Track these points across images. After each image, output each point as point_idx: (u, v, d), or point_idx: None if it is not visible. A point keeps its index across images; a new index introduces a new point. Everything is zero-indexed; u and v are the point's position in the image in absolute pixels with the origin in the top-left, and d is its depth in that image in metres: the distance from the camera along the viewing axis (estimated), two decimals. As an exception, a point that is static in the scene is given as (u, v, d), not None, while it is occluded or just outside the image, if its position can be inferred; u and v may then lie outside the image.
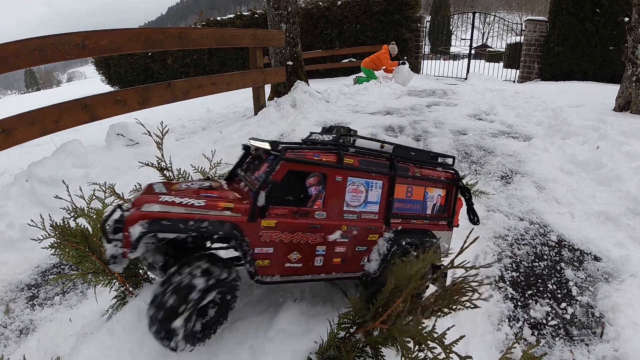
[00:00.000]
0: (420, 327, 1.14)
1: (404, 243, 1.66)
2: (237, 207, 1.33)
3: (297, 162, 1.40)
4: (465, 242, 1.18)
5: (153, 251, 1.46)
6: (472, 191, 2.83)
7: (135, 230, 1.17)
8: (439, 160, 1.86)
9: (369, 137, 1.67)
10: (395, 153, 1.67)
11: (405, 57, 11.55)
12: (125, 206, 1.30)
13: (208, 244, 1.63)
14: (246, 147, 1.71)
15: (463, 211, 1.96)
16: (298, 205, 1.43)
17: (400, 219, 1.69)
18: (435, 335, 1.13)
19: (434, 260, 1.71)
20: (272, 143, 1.44)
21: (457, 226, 1.94)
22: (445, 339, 1.12)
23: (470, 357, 1.07)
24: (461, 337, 1.15)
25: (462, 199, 1.93)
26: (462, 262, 1.20)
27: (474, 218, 1.93)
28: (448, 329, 1.17)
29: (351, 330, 1.31)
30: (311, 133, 1.81)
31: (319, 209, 1.47)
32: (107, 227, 1.25)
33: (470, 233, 1.28)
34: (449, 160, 1.89)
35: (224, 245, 1.64)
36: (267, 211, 1.35)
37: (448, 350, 1.09)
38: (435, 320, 1.23)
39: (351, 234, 1.54)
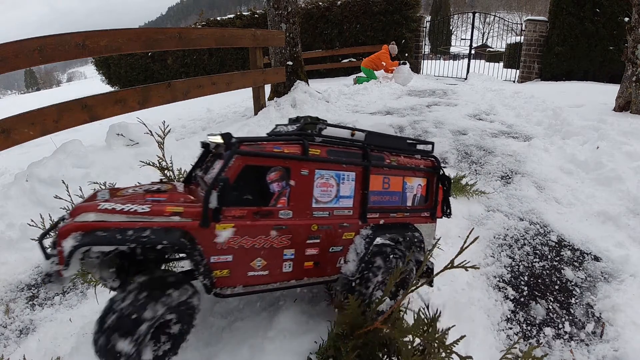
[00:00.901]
0: (420, 328, 1.14)
1: (384, 240, 1.55)
2: (188, 211, 1.17)
3: (254, 155, 1.25)
4: (465, 242, 1.17)
5: (98, 266, 1.29)
6: (471, 190, 2.84)
7: (68, 243, 1.03)
8: (417, 148, 1.73)
9: (337, 124, 1.53)
10: (367, 141, 1.52)
11: (406, 54, 11.56)
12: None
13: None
14: (205, 145, 1.52)
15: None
16: (259, 205, 1.28)
17: (378, 214, 1.54)
18: (436, 336, 1.13)
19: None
20: (224, 136, 1.27)
21: (441, 217, 1.85)
22: (445, 339, 1.12)
23: (471, 357, 1.07)
24: (461, 337, 1.15)
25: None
26: (463, 262, 1.20)
27: (446, 210, 1.81)
28: (449, 329, 1.17)
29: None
30: (277, 125, 1.65)
31: (283, 207, 1.31)
32: (48, 241, 1.14)
33: (470, 233, 1.28)
34: (428, 148, 1.75)
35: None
36: (221, 214, 1.19)
37: (449, 351, 1.09)
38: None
39: (323, 234, 1.40)
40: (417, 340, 1.16)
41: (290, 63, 6.70)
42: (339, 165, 1.42)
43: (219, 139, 1.29)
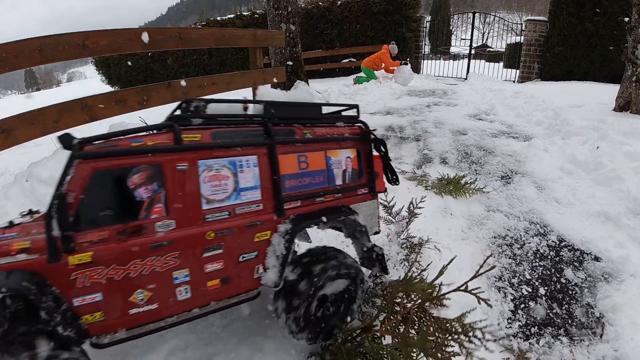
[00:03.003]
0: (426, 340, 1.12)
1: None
2: (35, 245, 0.93)
3: (103, 156, 0.97)
4: (481, 266, 1.14)
5: None
6: (471, 188, 2.83)
7: None
8: (340, 115, 1.48)
9: (225, 99, 1.22)
10: (269, 114, 1.23)
11: (407, 57, 11.56)
12: None
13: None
14: None
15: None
16: (125, 221, 0.99)
17: (300, 201, 1.28)
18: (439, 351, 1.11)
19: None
20: (62, 138, 0.98)
21: (385, 191, 1.63)
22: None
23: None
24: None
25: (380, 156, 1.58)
26: (476, 289, 1.19)
27: (392, 177, 1.58)
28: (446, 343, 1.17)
29: (354, 334, 1.31)
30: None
31: (160, 217, 1.03)
32: None
33: (486, 259, 1.28)
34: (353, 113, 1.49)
35: None
36: (73, 241, 0.93)
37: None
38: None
39: (226, 241, 1.12)
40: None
41: (290, 63, 6.71)
42: (232, 150, 1.13)
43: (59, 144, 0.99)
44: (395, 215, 2.16)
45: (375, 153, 1.57)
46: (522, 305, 1.85)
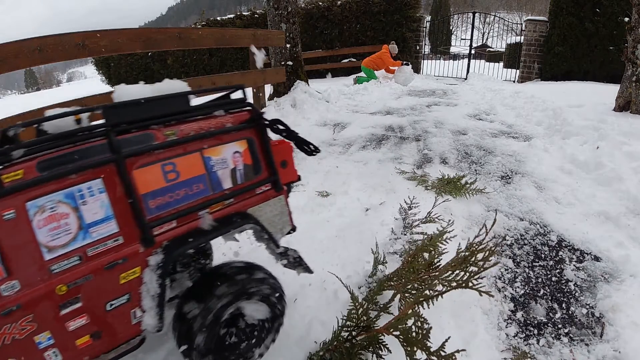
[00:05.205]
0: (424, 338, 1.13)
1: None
2: None
3: None
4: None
5: None
6: (470, 188, 2.83)
7: None
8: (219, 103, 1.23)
9: (52, 115, 0.99)
10: (112, 120, 1.00)
11: (408, 60, 11.58)
12: None
13: None
14: None
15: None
16: None
17: (175, 221, 1.08)
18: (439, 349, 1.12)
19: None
20: None
21: (298, 179, 1.41)
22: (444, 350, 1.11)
23: None
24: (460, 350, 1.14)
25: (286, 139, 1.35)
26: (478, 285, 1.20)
27: (309, 148, 1.36)
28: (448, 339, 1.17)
29: (353, 333, 1.31)
30: None
31: (2, 280, 0.90)
32: None
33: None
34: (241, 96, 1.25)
35: None
36: None
37: None
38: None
39: (83, 291, 0.97)
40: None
41: (290, 63, 6.70)
42: (65, 180, 0.93)
43: None
44: (408, 216, 2.16)
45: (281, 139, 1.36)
46: (522, 305, 1.85)
